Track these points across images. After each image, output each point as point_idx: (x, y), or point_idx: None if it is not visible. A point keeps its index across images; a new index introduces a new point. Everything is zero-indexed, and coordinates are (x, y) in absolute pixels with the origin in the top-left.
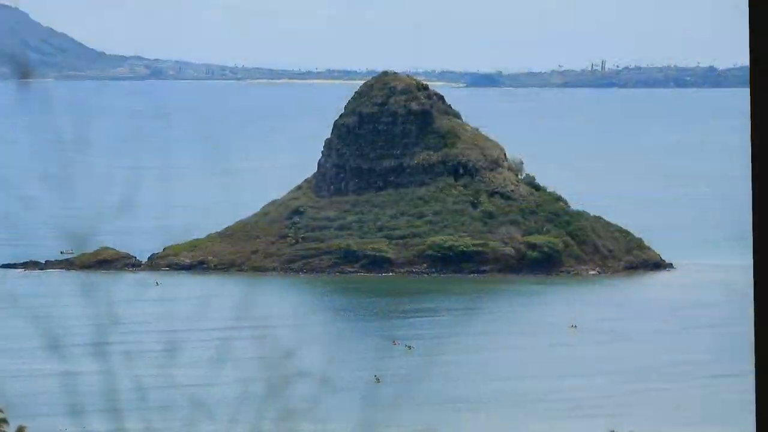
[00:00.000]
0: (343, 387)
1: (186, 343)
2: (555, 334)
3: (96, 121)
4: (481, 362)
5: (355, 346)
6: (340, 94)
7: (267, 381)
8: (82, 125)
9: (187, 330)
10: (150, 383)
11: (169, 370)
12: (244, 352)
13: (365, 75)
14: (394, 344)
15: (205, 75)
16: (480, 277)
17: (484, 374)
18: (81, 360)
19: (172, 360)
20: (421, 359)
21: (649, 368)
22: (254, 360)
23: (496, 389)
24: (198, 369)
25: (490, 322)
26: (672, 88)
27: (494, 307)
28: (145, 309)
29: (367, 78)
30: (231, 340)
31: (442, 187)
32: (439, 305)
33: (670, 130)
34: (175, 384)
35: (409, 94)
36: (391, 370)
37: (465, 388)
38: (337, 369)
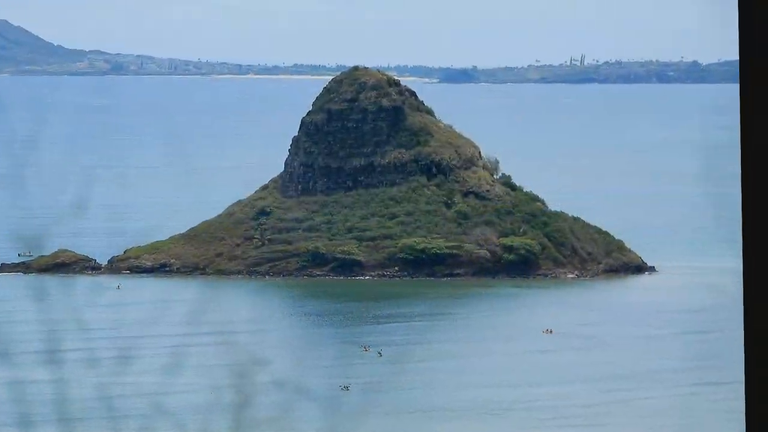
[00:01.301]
0: (311, 395)
1: (148, 350)
2: (531, 340)
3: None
4: (455, 369)
5: (324, 353)
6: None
7: (232, 388)
8: (38, 122)
9: (150, 336)
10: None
11: (129, 378)
12: (208, 359)
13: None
14: (365, 350)
15: (169, 70)
16: (454, 280)
17: (457, 382)
18: (34, 368)
19: (133, 367)
20: (392, 366)
21: (629, 376)
22: (219, 367)
23: (471, 397)
24: (160, 376)
25: (464, 328)
26: (654, 83)
27: (469, 312)
28: (106, 314)
29: (336, 73)
30: (195, 347)
31: (415, 187)
32: (412, 310)
33: (654, 127)
34: (134, 392)
35: (380, 89)
36: (361, 377)
37: (438, 397)
38: (306, 376)
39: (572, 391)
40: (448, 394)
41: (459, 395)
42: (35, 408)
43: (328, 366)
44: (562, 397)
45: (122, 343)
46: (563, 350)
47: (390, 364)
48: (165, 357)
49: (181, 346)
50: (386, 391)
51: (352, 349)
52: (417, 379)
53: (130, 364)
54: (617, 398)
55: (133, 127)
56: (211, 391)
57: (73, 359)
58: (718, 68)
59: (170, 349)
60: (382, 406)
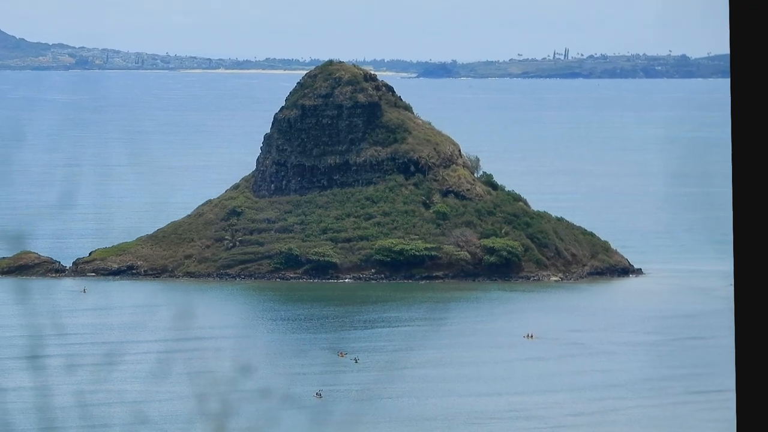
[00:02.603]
0: (284, 403)
1: (116, 356)
2: (516, 347)
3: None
4: (436, 377)
5: (298, 360)
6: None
7: (201, 397)
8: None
9: (118, 342)
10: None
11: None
12: (179, 367)
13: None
14: (341, 356)
15: (135, 64)
16: (433, 283)
17: (439, 389)
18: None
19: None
20: (369, 374)
21: (619, 384)
22: (190, 375)
23: (450, 406)
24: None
25: (444, 334)
26: (641, 78)
27: (448, 317)
28: (71, 319)
29: (310, 68)
30: (165, 354)
31: (392, 186)
32: (389, 315)
33: (641, 124)
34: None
35: (355, 84)
36: (337, 385)
37: (416, 406)
38: (278, 383)
39: (560, 399)
40: (428, 403)
41: (440, 403)
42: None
43: (301, 373)
44: (550, 406)
45: (89, 349)
46: (549, 357)
47: (367, 372)
48: (135, 364)
49: (151, 353)
50: (364, 399)
51: (327, 356)
52: (395, 387)
53: (100, 371)
54: (607, 407)
55: (98, 123)
56: (181, 400)
57: (38, 366)
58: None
59: (140, 356)
60: (359, 415)
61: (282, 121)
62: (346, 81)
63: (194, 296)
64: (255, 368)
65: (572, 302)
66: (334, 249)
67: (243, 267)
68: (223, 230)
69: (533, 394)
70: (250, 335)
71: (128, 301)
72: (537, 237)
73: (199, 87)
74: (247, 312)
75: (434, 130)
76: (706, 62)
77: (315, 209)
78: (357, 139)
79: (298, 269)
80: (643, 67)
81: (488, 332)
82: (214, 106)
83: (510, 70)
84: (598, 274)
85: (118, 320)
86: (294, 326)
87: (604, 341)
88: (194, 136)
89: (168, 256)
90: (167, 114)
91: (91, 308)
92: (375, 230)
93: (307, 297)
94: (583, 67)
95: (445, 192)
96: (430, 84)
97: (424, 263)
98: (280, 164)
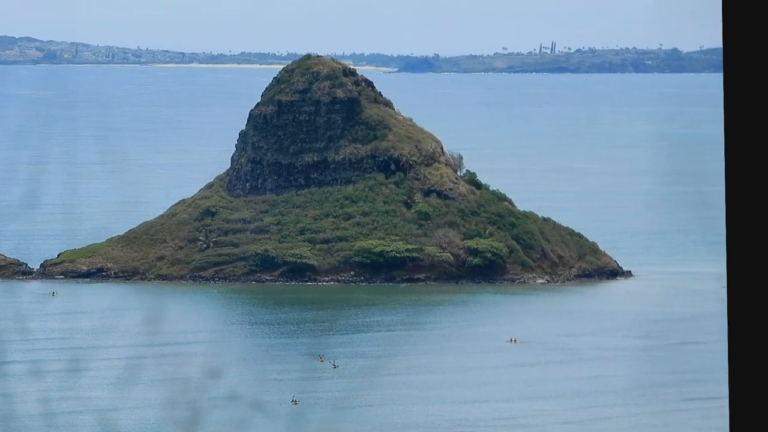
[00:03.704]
0: (258, 410)
1: (88, 362)
2: (501, 352)
3: None
4: (417, 383)
5: (274, 366)
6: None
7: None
8: None
9: (90, 347)
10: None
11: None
12: (152, 373)
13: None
14: (320, 361)
15: (106, 58)
16: (414, 286)
17: (419, 397)
18: None
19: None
20: (348, 380)
21: (610, 391)
22: (163, 381)
23: (433, 413)
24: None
25: (425, 338)
26: (630, 72)
27: (430, 321)
28: (40, 323)
29: (287, 62)
30: (137, 359)
31: (372, 185)
32: (369, 319)
33: (631, 120)
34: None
35: (334, 80)
36: (313, 391)
37: (397, 413)
38: (252, 390)
39: (548, 406)
40: (410, 410)
41: (422, 411)
42: None
43: (279, 379)
44: (538, 414)
45: (56, 355)
46: (536, 363)
47: (346, 378)
48: (104, 370)
49: (120, 359)
50: (342, 407)
51: (305, 362)
52: (376, 394)
53: (70, 377)
54: (596, 415)
55: (67, 120)
56: (153, 408)
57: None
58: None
59: (109, 362)
60: (337, 423)
61: (258, 118)
62: (324, 76)
63: (166, 299)
64: (228, 374)
65: (559, 305)
66: (311, 250)
67: (217, 269)
68: (196, 231)
69: (520, 401)
70: (224, 340)
71: (98, 305)
72: (522, 238)
73: (172, 82)
74: (222, 316)
75: (416, 127)
76: (698, 56)
77: (292, 209)
78: (336, 136)
79: (274, 271)
80: (632, 62)
81: (472, 337)
82: (187, 101)
83: (494, 65)
84: (586, 276)
85: (86, 324)
86: (270, 331)
87: (592, 346)
88: (168, 133)
89: (139, 258)
90: (140, 110)
91: (59, 312)
92: (354, 231)
93: (283, 300)
94: (570, 62)
95: (427, 191)
96: (412, 79)
97: (405, 265)
98: (256, 162)
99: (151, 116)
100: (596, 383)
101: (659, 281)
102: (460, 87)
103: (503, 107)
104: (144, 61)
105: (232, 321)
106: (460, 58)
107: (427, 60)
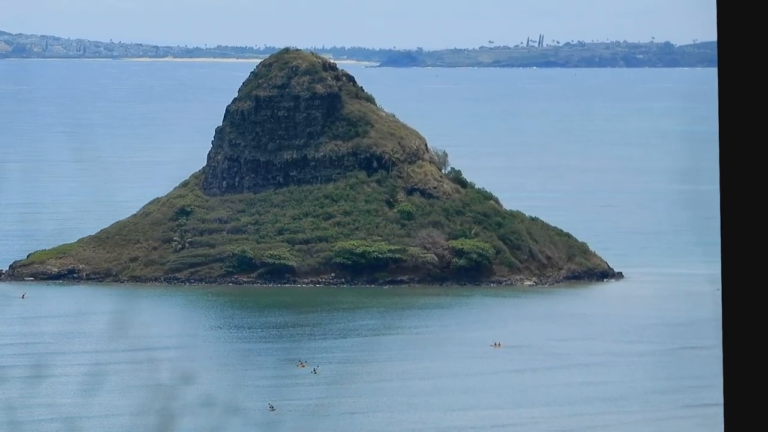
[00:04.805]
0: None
1: (60, 368)
2: (485, 357)
3: None
4: (400, 390)
5: (251, 372)
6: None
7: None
8: None
9: (61, 353)
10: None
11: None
12: (124, 378)
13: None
14: (301, 366)
15: (77, 52)
16: (397, 288)
17: (402, 404)
18: None
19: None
20: (328, 386)
21: (602, 398)
22: (129, 388)
23: (417, 421)
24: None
25: (409, 343)
26: (621, 67)
27: (414, 325)
28: (6, 326)
29: (264, 56)
30: (111, 365)
31: (353, 184)
32: (350, 322)
33: (621, 117)
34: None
35: (313, 74)
36: (292, 398)
37: (379, 421)
38: (228, 396)
39: (537, 414)
40: (393, 417)
41: (406, 418)
42: None
43: (256, 385)
44: (526, 421)
45: (21, 360)
46: (524, 368)
47: (326, 384)
48: (72, 376)
49: (90, 364)
50: (322, 414)
51: (284, 367)
52: (357, 401)
53: (36, 383)
54: (588, 423)
55: (38, 115)
56: (130, 415)
57: None
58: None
59: (77, 367)
60: (315, 430)
61: (234, 114)
62: (303, 70)
63: (140, 302)
64: (203, 380)
65: (548, 308)
66: (290, 251)
67: (193, 270)
68: (171, 231)
69: (509, 408)
70: (199, 344)
71: (67, 308)
72: (509, 238)
73: (146, 76)
74: (197, 319)
75: (399, 123)
76: (691, 50)
77: (270, 208)
78: (315, 132)
79: (251, 273)
80: (623, 55)
81: (458, 341)
82: (162, 97)
83: (480, 59)
84: (575, 278)
85: (55, 328)
86: (248, 335)
87: (583, 351)
88: (142, 129)
89: (112, 259)
90: (113, 105)
91: (27, 315)
92: (335, 231)
93: (262, 303)
94: (559, 56)
95: (411, 190)
96: (394, 73)
97: (387, 266)
98: (233, 160)
99: (125, 112)
100: (588, 390)
101: (652, 283)
102: (445, 82)
103: (490, 102)
104: (116, 54)
105: (208, 324)
106: (444, 52)
107: (410, 54)
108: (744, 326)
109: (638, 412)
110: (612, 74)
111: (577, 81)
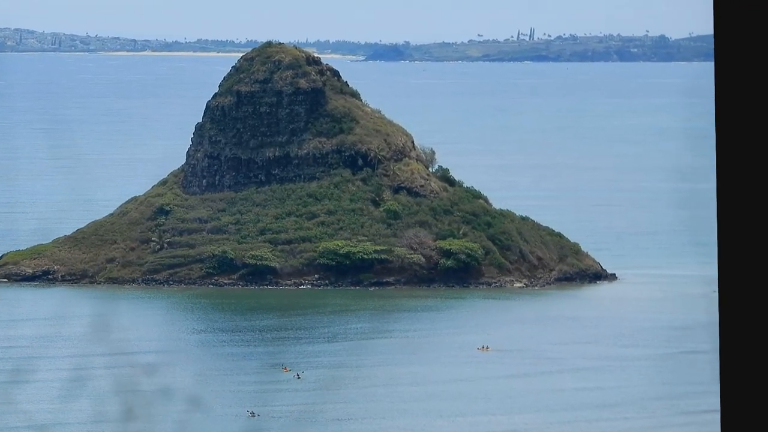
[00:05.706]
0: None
1: (27, 373)
2: (474, 361)
3: None
4: (387, 395)
5: (232, 377)
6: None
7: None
8: None
9: (26, 357)
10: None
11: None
12: (102, 384)
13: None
14: (285, 371)
15: (52, 46)
16: (383, 290)
17: (389, 410)
18: None
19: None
20: (312, 392)
21: (597, 404)
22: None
23: (404, 427)
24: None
25: (396, 347)
26: (615, 61)
27: (401, 328)
28: None
29: (246, 50)
30: (88, 370)
31: (337, 182)
32: (335, 325)
33: (615, 113)
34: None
35: (296, 69)
36: (274, 404)
37: (365, 427)
38: (207, 402)
39: (529, 420)
40: (379, 424)
41: (392, 425)
42: None
43: (237, 391)
44: (517, 428)
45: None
46: (515, 373)
47: (310, 389)
48: (47, 382)
49: (65, 370)
50: (305, 419)
51: (266, 372)
52: (342, 407)
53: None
54: (581, 430)
55: (11, 111)
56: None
57: None
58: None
59: (52, 372)
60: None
61: (215, 110)
62: (286, 65)
63: (117, 304)
64: (182, 386)
65: (539, 311)
66: (273, 252)
67: (172, 272)
68: (149, 231)
69: (499, 414)
70: (178, 348)
71: (41, 311)
72: (499, 238)
73: (124, 71)
74: (177, 322)
75: (385, 120)
76: (687, 44)
77: (252, 207)
78: (299, 129)
79: (233, 274)
80: (617, 49)
81: (447, 345)
82: (141, 92)
83: (469, 53)
84: (567, 279)
85: (28, 332)
86: (229, 338)
87: (576, 355)
88: (121, 125)
89: (88, 260)
90: (90, 101)
91: (1, 318)
92: (319, 231)
93: (243, 305)
94: (550, 49)
95: (397, 188)
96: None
97: (373, 267)
98: (213, 157)
99: (103, 108)
100: (581, 395)
101: (646, 285)
102: (433, 76)
103: (479, 98)
104: (93, 48)
105: (188, 328)
106: (432, 46)
107: (396, 48)
108: (741, 330)
109: (633, 419)
110: (605, 68)
111: (570, 76)
